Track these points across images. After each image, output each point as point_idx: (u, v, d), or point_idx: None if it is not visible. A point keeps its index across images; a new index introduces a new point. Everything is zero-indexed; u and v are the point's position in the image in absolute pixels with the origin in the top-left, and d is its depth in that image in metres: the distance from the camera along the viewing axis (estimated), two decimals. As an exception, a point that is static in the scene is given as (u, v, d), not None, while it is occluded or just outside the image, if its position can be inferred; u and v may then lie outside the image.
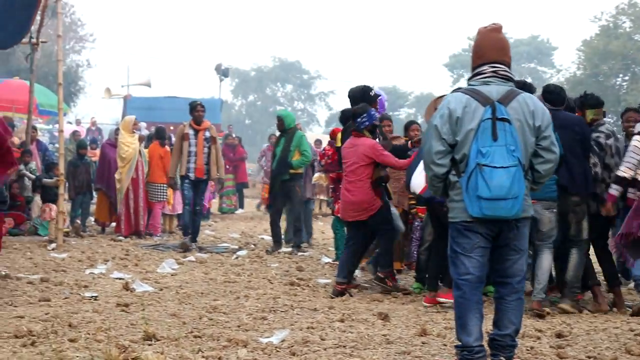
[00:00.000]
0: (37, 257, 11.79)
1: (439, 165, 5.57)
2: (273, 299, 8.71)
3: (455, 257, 5.66)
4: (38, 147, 17.74)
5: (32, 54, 15.81)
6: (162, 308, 8.02)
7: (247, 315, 7.69)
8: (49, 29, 22.91)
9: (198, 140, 13.50)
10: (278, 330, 6.93)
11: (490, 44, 5.69)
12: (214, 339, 6.52)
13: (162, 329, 6.87)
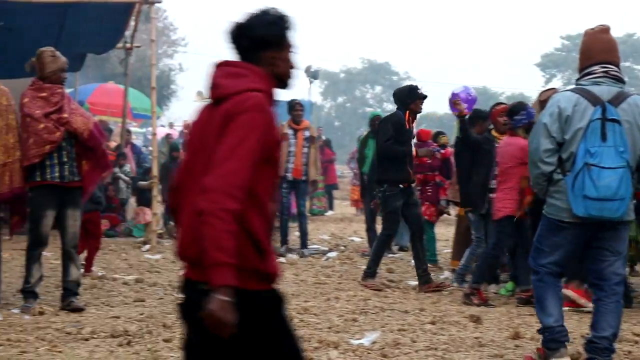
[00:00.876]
0: (131, 259, 12.02)
1: (546, 164, 5.53)
2: (363, 300, 8.70)
3: (540, 249, 5.67)
4: (132, 150, 18.11)
5: (126, 58, 16.13)
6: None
7: (337, 317, 7.70)
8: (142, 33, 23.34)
9: (297, 140, 13.08)
10: (369, 332, 6.93)
11: (599, 45, 5.64)
12: (305, 340, 6.55)
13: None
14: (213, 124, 3.25)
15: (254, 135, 3.15)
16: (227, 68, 3.40)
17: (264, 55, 3.39)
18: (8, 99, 7.87)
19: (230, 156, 3.09)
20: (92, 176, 8.17)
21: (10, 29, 12.74)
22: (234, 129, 3.15)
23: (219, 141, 3.15)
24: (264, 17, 3.42)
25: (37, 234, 7.91)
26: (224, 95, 3.29)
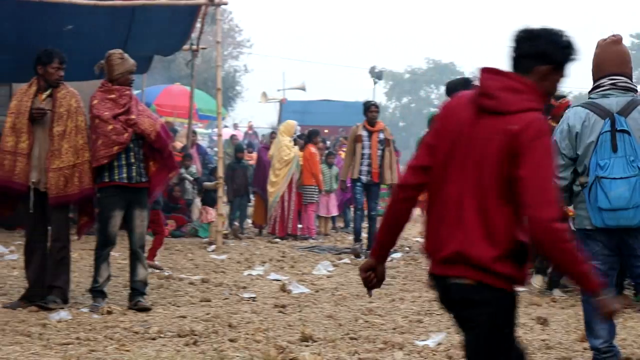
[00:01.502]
0: (197, 259, 12.12)
1: (560, 178, 5.57)
2: (429, 301, 8.64)
3: None
4: (198, 150, 18.26)
5: (192, 60, 16.26)
6: (318, 310, 8.10)
7: (402, 318, 7.67)
8: (208, 35, 23.57)
9: (372, 142, 12.87)
10: (434, 333, 6.89)
11: (609, 57, 5.64)
12: (370, 341, 6.54)
13: (319, 330, 6.94)
14: (491, 137, 3.40)
15: (554, 161, 3.43)
16: (503, 79, 3.50)
17: (538, 69, 3.49)
18: (77, 100, 8.00)
19: (549, 186, 3.33)
20: (159, 177, 8.26)
21: (79, 32, 12.95)
22: (541, 156, 3.34)
23: (514, 162, 3.34)
24: (558, 35, 3.52)
25: (105, 234, 8.02)
26: (506, 110, 3.41)
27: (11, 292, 8.77)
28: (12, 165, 7.87)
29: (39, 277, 7.99)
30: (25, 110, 7.87)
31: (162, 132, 8.13)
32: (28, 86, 8.05)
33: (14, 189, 7.92)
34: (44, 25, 12.95)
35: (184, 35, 14.69)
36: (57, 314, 7.41)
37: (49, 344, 6.25)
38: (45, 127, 7.90)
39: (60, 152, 7.83)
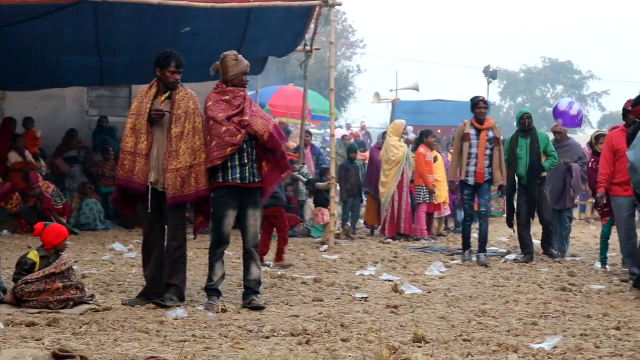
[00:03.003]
0: (310, 258, 12.19)
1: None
2: (544, 304, 8.49)
3: None
4: (311, 151, 18.35)
5: (305, 61, 16.38)
6: (430, 310, 8.03)
7: (517, 320, 7.54)
8: (321, 36, 23.72)
9: (480, 141, 12.05)
10: (549, 336, 6.75)
11: None
12: (484, 343, 6.45)
13: (431, 331, 6.89)
14: None
15: None
16: None
17: None
18: (195, 102, 8.14)
19: None
20: (272, 177, 8.32)
21: (195, 34, 13.21)
22: None
23: None
24: None
25: (219, 234, 8.14)
26: None
27: (130, 289, 8.99)
28: (132, 165, 8.07)
29: (156, 275, 8.17)
30: (145, 112, 8.05)
31: (275, 132, 8.19)
32: (148, 88, 8.24)
33: (134, 188, 8.12)
34: (162, 27, 13.27)
35: (298, 36, 14.82)
36: (174, 312, 7.56)
37: (165, 341, 6.38)
38: (164, 128, 8.06)
39: (177, 153, 7.98)
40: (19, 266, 8.02)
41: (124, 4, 13.16)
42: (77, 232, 14.98)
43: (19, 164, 16.24)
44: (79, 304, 7.80)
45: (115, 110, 20.06)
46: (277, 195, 11.24)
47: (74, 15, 12.94)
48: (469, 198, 12.26)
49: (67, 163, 17.81)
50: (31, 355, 5.29)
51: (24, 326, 6.83)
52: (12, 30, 13.23)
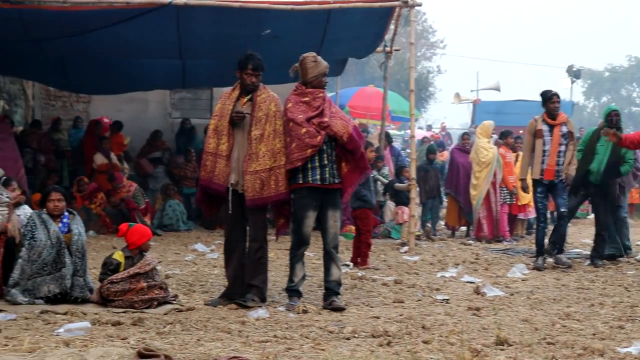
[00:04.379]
0: (390, 260, 12.16)
1: None
2: (630, 307, 8.31)
3: None
4: (391, 152, 18.31)
5: (385, 62, 16.36)
6: (513, 313, 7.94)
7: (602, 324, 7.40)
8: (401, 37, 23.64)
9: (553, 137, 11.46)
10: (637, 340, 6.60)
11: None
12: (568, 347, 6.34)
13: (514, 334, 6.80)
14: None
15: None
16: None
17: None
18: (277, 105, 8.19)
19: None
20: (351, 178, 8.32)
21: (275, 36, 13.28)
22: None
23: None
24: None
25: (299, 235, 8.17)
26: None
27: (212, 289, 9.09)
28: (213, 166, 8.17)
29: (237, 275, 8.24)
30: (227, 114, 8.13)
31: (355, 133, 8.18)
32: (232, 90, 8.32)
33: (214, 189, 8.21)
34: (243, 30, 13.38)
35: (378, 37, 14.79)
36: (256, 312, 7.61)
37: (248, 341, 6.42)
38: (245, 130, 8.13)
39: (257, 155, 8.04)
40: (104, 266, 8.18)
41: (206, 8, 13.31)
42: (160, 233, 15.20)
43: (104, 166, 16.60)
44: (162, 303, 7.93)
45: (197, 112, 20.32)
46: (365, 198, 11.26)
47: (157, 19, 13.13)
48: (542, 196, 11.65)
49: (151, 164, 18.10)
50: (117, 354, 5.38)
51: (110, 325, 6.96)
52: (96, 35, 13.50)
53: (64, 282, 7.97)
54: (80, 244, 8.20)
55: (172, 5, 12.67)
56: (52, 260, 8.00)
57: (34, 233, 8.04)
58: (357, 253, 11.47)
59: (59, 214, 8.25)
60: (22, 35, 13.60)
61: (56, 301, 7.91)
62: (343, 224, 11.49)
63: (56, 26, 13.36)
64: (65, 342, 6.14)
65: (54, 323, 7.00)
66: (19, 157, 15.51)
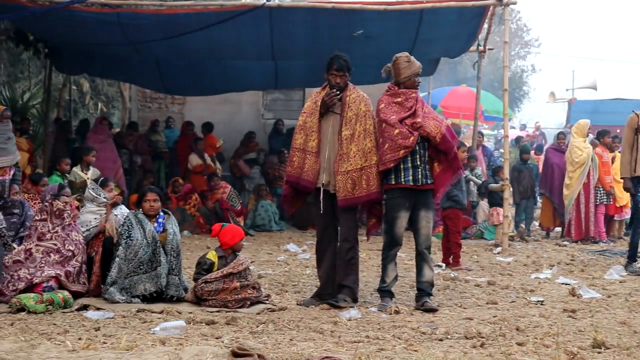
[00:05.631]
0: (483, 260, 12.04)
1: None
2: None
3: None
4: (483, 152, 18.16)
5: (479, 61, 16.22)
6: (610, 315, 7.77)
7: None
8: (495, 35, 23.36)
9: None
10: None
11: None
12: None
13: (612, 337, 6.65)
14: None
15: None
16: None
17: None
18: (367, 105, 8.19)
19: None
20: (444, 178, 8.27)
21: (368, 37, 13.29)
22: None
23: None
24: None
25: (391, 235, 8.15)
26: None
27: (304, 289, 9.13)
28: (302, 162, 8.21)
29: (329, 276, 8.26)
30: (316, 111, 8.16)
31: (448, 134, 8.13)
32: (321, 89, 8.36)
33: (302, 185, 8.26)
34: (335, 31, 13.43)
35: (471, 36, 14.67)
36: (348, 313, 7.62)
37: (340, 341, 6.43)
38: (335, 130, 8.15)
39: (348, 155, 8.05)
40: (198, 266, 8.29)
41: (299, 9, 13.41)
42: (253, 233, 15.35)
43: (199, 167, 16.86)
44: (255, 303, 8.00)
45: (289, 113, 20.45)
46: (455, 198, 11.19)
47: (251, 21, 13.28)
48: None
49: (247, 165, 18.29)
50: (211, 353, 5.45)
51: (204, 324, 7.05)
52: (191, 37, 13.72)
53: (160, 280, 8.11)
54: (175, 244, 8.34)
55: (266, 6, 12.79)
56: (147, 259, 8.15)
57: (131, 232, 8.20)
58: (448, 254, 11.40)
59: (154, 214, 8.40)
60: (120, 38, 13.93)
61: (152, 300, 8.06)
62: (435, 225, 11.40)
63: (152, 29, 13.64)
64: (161, 340, 6.25)
65: (150, 321, 7.14)
66: (116, 158, 15.91)
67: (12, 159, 12.43)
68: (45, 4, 13.39)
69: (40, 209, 8.64)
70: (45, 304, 7.60)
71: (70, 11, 13.10)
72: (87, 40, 14.73)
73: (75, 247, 8.37)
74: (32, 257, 8.19)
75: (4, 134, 12.43)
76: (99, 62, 16.82)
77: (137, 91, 21.44)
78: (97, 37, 14.18)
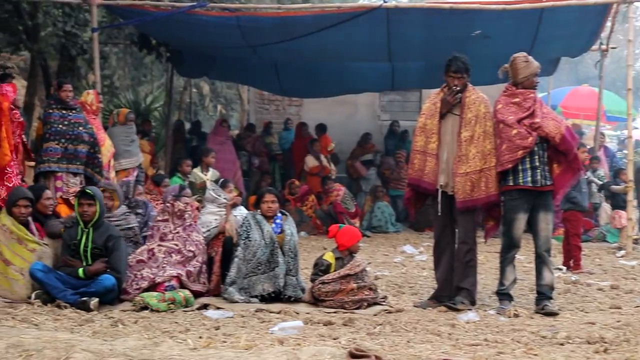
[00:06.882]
0: (605, 264, 11.76)
1: None
2: None
3: None
4: (605, 153, 17.72)
5: (601, 60, 15.87)
6: None
7: None
8: (618, 34, 22.77)
9: None
10: None
11: None
12: None
13: None
14: None
15: None
16: None
17: None
18: (487, 106, 8.10)
19: None
20: (563, 180, 8.11)
21: (486, 37, 13.15)
22: None
23: None
24: None
25: (510, 237, 8.04)
26: None
27: (421, 291, 9.09)
28: (422, 164, 8.18)
29: (447, 278, 8.21)
30: (436, 113, 8.12)
31: (567, 134, 7.98)
32: (440, 91, 8.30)
33: (423, 187, 8.24)
34: (452, 31, 13.34)
35: (593, 35, 14.36)
36: (465, 315, 7.55)
37: (457, 344, 6.38)
38: (454, 131, 8.09)
39: (467, 157, 7.98)
40: (316, 267, 8.35)
41: (416, 10, 13.36)
42: (369, 235, 15.36)
43: (315, 168, 16.98)
44: (372, 304, 8.01)
45: (406, 114, 20.40)
46: (574, 200, 10.98)
47: (367, 23, 13.30)
48: None
49: (364, 166, 18.33)
50: (329, 353, 5.47)
51: (321, 325, 7.10)
52: (308, 40, 13.83)
53: (278, 281, 8.20)
54: (293, 244, 8.41)
55: (383, 8, 12.79)
56: (266, 260, 8.25)
57: (249, 233, 8.32)
58: (568, 256, 11.18)
59: (272, 215, 8.50)
60: (239, 41, 14.16)
61: (270, 300, 8.16)
62: (555, 227, 11.24)
63: (271, 32, 13.83)
64: (279, 340, 6.31)
65: (269, 321, 7.23)
66: (235, 160, 16.19)
67: (136, 160, 12.84)
68: (167, 9, 13.75)
69: (162, 210, 8.86)
70: (167, 302, 7.79)
71: (191, 15, 13.41)
72: (207, 43, 15.05)
73: (196, 247, 8.54)
74: (155, 257, 8.41)
75: (127, 136, 12.85)
76: (219, 65, 17.14)
77: (255, 93, 21.77)
78: (217, 40, 14.47)
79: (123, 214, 9.03)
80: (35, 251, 8.23)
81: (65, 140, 10.68)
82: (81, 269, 7.99)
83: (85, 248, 8.10)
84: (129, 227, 8.95)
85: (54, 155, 10.61)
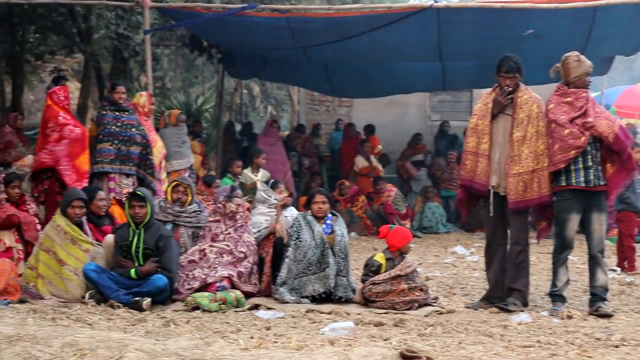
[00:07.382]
0: (661, 266, 11.58)
1: None
2: None
3: None
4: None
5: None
6: None
7: None
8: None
9: None
10: None
11: None
12: None
13: None
14: None
15: None
16: None
17: None
18: (539, 106, 8.03)
19: None
20: (617, 180, 8.01)
21: (538, 36, 13.03)
22: None
23: None
24: None
25: (562, 238, 7.96)
26: None
27: (472, 292, 9.05)
28: (474, 165, 8.14)
29: (499, 279, 8.15)
30: (488, 113, 8.07)
31: (621, 133, 7.89)
32: (492, 90, 8.25)
33: (475, 188, 8.20)
34: (504, 31, 13.24)
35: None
36: (518, 316, 7.50)
37: (510, 346, 6.33)
38: (506, 131, 8.04)
39: (519, 157, 7.92)
40: (366, 268, 8.35)
41: (467, 9, 13.27)
42: (420, 235, 15.31)
43: (365, 169, 16.97)
44: (423, 305, 7.99)
45: (456, 115, 20.31)
46: (628, 201, 10.83)
47: (418, 23, 13.25)
48: None
49: (414, 167, 18.27)
50: (380, 354, 5.46)
51: (372, 326, 7.09)
52: (358, 40, 13.82)
53: (328, 281, 8.21)
54: (343, 245, 8.42)
55: (433, 7, 12.74)
56: (316, 260, 8.27)
57: (300, 234, 8.34)
58: (622, 258, 11.04)
59: (323, 216, 8.51)
60: (290, 42, 14.20)
61: (321, 300, 8.17)
62: (609, 228, 11.10)
63: (321, 32, 13.85)
64: (330, 341, 6.32)
65: (319, 322, 7.24)
66: (286, 161, 16.23)
67: (187, 161, 12.94)
68: (218, 11, 13.84)
69: (213, 211, 8.91)
70: (218, 302, 7.84)
71: (242, 17, 13.47)
72: (258, 44, 15.11)
73: (247, 248, 8.58)
74: (206, 257, 8.46)
75: (179, 137, 12.96)
76: (269, 66, 17.20)
77: (305, 94, 21.81)
78: (268, 41, 14.52)
79: (194, 211, 9.11)
80: (88, 251, 8.35)
81: (118, 142, 10.80)
82: (133, 269, 8.09)
83: (136, 249, 8.20)
84: (199, 225, 9.00)
85: (107, 157, 10.73)
